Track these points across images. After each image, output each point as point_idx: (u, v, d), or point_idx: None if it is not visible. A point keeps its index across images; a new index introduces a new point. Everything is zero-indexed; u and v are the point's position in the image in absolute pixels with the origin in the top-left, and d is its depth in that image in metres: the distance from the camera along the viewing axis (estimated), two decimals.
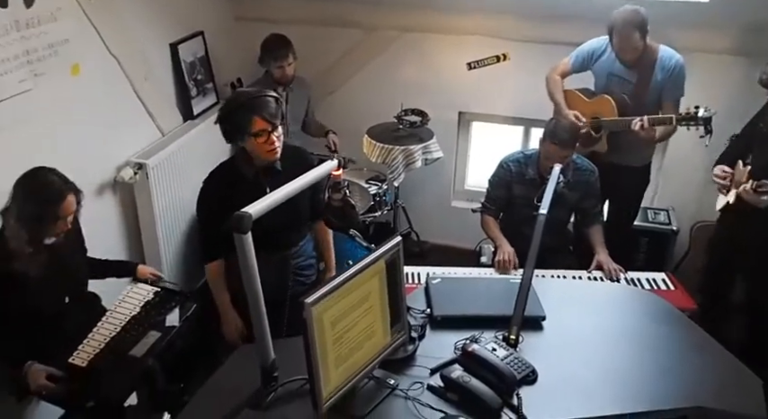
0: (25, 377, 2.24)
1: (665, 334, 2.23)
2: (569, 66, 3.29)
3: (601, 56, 3.20)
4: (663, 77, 3.08)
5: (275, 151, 2.36)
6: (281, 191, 1.91)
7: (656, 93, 3.12)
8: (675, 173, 3.74)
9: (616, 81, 3.18)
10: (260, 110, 2.28)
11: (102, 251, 2.72)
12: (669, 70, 3.07)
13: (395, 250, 1.90)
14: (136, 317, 2.54)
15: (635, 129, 3.00)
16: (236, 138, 2.36)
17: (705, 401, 1.89)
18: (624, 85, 3.16)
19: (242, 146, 2.37)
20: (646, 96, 3.12)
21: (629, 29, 2.98)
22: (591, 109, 3.23)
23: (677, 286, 2.90)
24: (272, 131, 2.31)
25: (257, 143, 2.32)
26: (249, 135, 2.30)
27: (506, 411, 1.84)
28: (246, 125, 2.28)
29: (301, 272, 2.70)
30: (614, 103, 3.14)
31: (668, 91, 3.11)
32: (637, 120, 3.00)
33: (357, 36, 4.07)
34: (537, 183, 2.99)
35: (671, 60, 3.07)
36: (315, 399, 1.72)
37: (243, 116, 2.28)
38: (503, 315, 2.14)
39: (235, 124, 2.31)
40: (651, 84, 3.10)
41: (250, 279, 1.77)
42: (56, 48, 2.64)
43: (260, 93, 2.33)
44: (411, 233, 4.34)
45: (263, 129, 2.29)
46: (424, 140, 3.83)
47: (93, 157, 2.96)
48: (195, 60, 3.69)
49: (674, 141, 3.53)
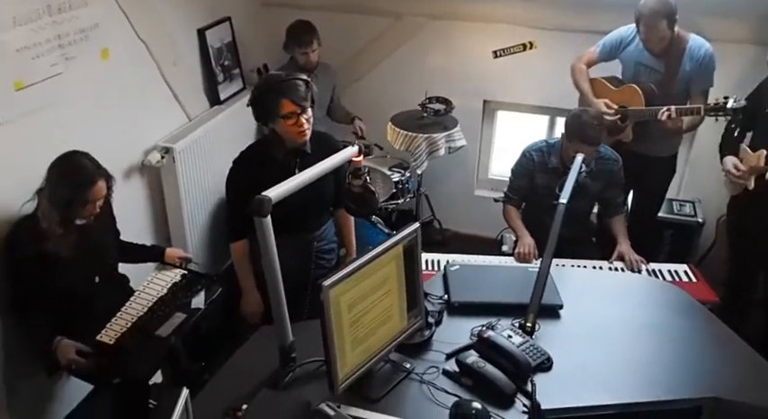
0: (55, 351, 2.32)
1: (684, 325, 2.22)
2: (596, 54, 3.26)
3: (629, 45, 3.16)
4: (691, 67, 3.03)
5: (304, 133, 2.40)
6: (305, 173, 1.95)
7: (684, 83, 3.07)
8: (702, 164, 3.68)
9: (644, 70, 3.13)
10: (289, 93, 2.32)
11: (129, 234, 2.79)
12: (698, 60, 3.02)
13: (413, 236, 1.92)
14: (163, 299, 2.62)
15: (662, 118, 2.96)
16: (266, 121, 2.41)
17: (721, 392, 1.89)
18: (652, 75, 3.12)
19: (272, 128, 2.41)
20: (674, 86, 3.07)
21: (657, 19, 2.93)
22: (618, 98, 3.19)
23: (699, 278, 2.87)
24: (302, 114, 2.35)
25: (287, 125, 2.36)
26: (279, 117, 2.35)
27: (520, 397, 1.86)
28: (276, 107, 2.33)
29: (323, 256, 2.73)
30: (641, 93, 3.10)
31: (696, 81, 3.06)
32: (664, 109, 2.96)
33: (384, 23, 4.07)
34: (560, 173, 2.97)
35: (700, 50, 3.02)
36: (331, 380, 1.76)
37: (272, 99, 2.33)
38: (520, 303, 2.16)
39: (265, 107, 2.36)
40: (679, 74, 3.05)
41: (270, 261, 1.80)
42: (86, 32, 2.69)
43: (290, 76, 2.37)
44: (433, 221, 4.35)
45: (291, 111, 2.33)
46: (447, 128, 3.82)
47: (122, 141, 3.02)
48: (222, 46, 3.73)
49: (701, 132, 3.47)
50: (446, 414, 1.80)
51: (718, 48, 3.13)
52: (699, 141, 3.67)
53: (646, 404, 1.86)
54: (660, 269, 2.93)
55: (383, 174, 3.91)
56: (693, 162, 3.77)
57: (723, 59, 3.23)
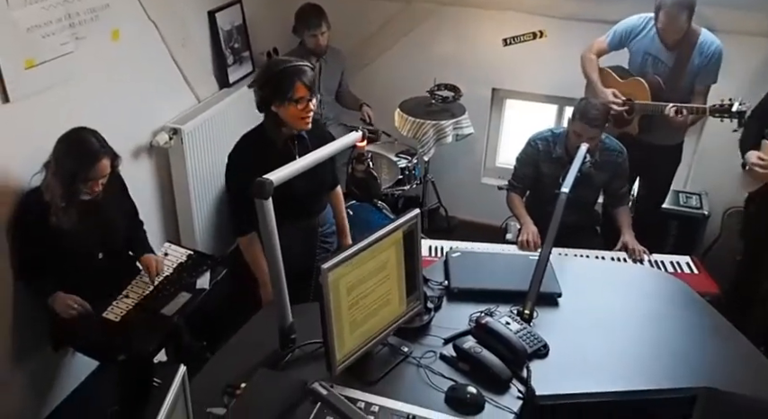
0: (53, 305, 2.40)
1: (682, 316, 2.23)
2: (605, 44, 3.24)
3: (639, 34, 3.14)
4: (700, 62, 3.03)
5: (308, 120, 2.37)
6: (307, 158, 1.97)
7: (691, 76, 3.07)
8: (710, 157, 3.67)
9: (651, 61, 3.12)
10: (303, 75, 2.29)
11: None
12: (708, 56, 3.02)
13: (413, 221, 1.94)
14: (168, 278, 2.67)
15: (669, 114, 2.96)
16: (273, 103, 2.34)
17: (715, 383, 1.90)
18: (659, 66, 3.11)
19: (275, 112, 2.37)
20: (681, 79, 3.07)
21: (679, 9, 2.92)
22: (624, 90, 3.18)
23: (701, 270, 2.87)
24: (311, 100, 2.34)
25: (296, 109, 2.31)
26: (290, 100, 2.30)
27: (515, 383, 1.89)
28: (289, 90, 2.28)
29: (326, 240, 2.76)
30: (647, 87, 3.10)
31: (702, 76, 3.06)
32: (670, 106, 2.96)
33: (394, 8, 4.06)
34: (564, 162, 2.97)
35: (711, 46, 3.01)
36: (329, 361, 1.79)
37: (285, 81, 2.28)
38: (519, 290, 2.18)
39: (277, 88, 2.30)
40: (687, 68, 3.05)
41: (271, 244, 1.83)
42: (97, 12, 2.71)
43: (299, 60, 2.35)
44: (439, 208, 4.36)
45: (303, 95, 2.30)
46: (455, 116, 3.82)
47: (130, 121, 3.04)
48: (233, 28, 3.74)
49: (709, 125, 3.47)
50: (442, 398, 1.83)
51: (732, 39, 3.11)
52: (707, 133, 3.65)
53: (640, 392, 1.87)
54: (662, 260, 2.93)
55: (390, 160, 3.92)
56: (701, 154, 3.75)
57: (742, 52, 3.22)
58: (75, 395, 2.90)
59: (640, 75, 3.15)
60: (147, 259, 2.65)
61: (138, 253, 2.71)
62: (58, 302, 2.41)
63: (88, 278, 2.48)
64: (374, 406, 1.78)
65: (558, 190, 2.42)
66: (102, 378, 2.85)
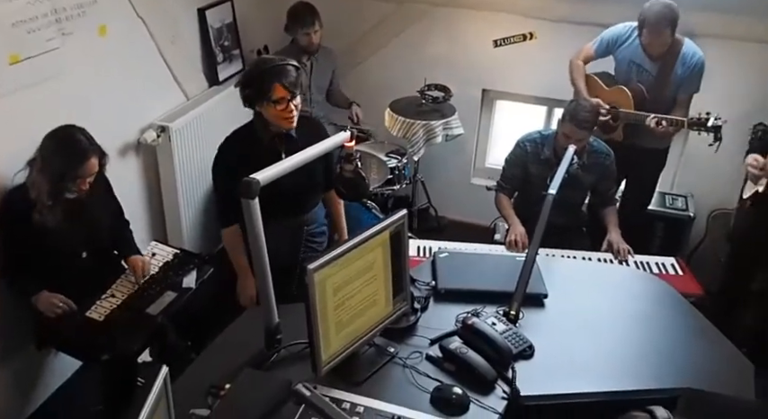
0: (36, 304, 2.38)
1: (665, 317, 2.25)
2: (593, 51, 3.28)
3: (624, 42, 3.18)
4: (682, 72, 3.09)
5: (292, 120, 2.38)
6: (294, 158, 1.96)
7: (674, 86, 3.12)
8: (696, 160, 3.70)
9: (636, 69, 3.17)
10: (281, 77, 2.29)
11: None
12: (690, 67, 3.07)
13: (400, 222, 1.94)
14: (154, 277, 2.66)
15: (650, 125, 3.01)
16: (255, 104, 2.37)
17: (696, 383, 1.92)
18: (643, 75, 3.15)
19: (259, 111, 2.39)
20: (665, 88, 3.12)
21: (662, 25, 2.96)
22: (608, 98, 3.22)
23: (686, 272, 2.89)
24: (291, 100, 2.33)
25: (276, 110, 2.33)
26: (269, 101, 2.31)
27: (500, 383, 1.89)
28: (267, 91, 2.29)
29: (313, 239, 2.75)
30: (631, 95, 3.14)
31: (685, 86, 3.12)
32: (651, 117, 3.01)
33: (386, 8, 4.06)
34: (552, 164, 2.98)
35: (693, 57, 3.06)
36: (314, 362, 1.79)
37: (265, 82, 2.29)
38: (506, 291, 2.17)
39: (256, 89, 2.32)
40: (671, 78, 3.10)
41: (256, 243, 1.82)
42: (84, 8, 2.69)
43: (282, 60, 2.34)
44: (429, 208, 4.37)
45: (282, 96, 2.30)
46: (445, 116, 3.83)
47: (118, 118, 3.02)
48: (223, 26, 3.73)
49: None
50: (427, 399, 1.83)
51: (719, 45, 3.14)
52: (693, 136, 3.66)
53: (623, 392, 1.89)
54: (648, 261, 2.95)
55: (379, 160, 3.91)
56: (687, 157, 3.78)
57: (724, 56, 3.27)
58: (59, 394, 2.88)
59: (625, 82, 3.19)
60: (133, 260, 2.64)
61: (124, 253, 2.69)
62: (42, 301, 2.39)
63: (72, 277, 2.46)
64: (359, 407, 1.78)
65: (546, 191, 2.43)
66: (86, 378, 2.84)
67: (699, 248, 3.69)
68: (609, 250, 2.98)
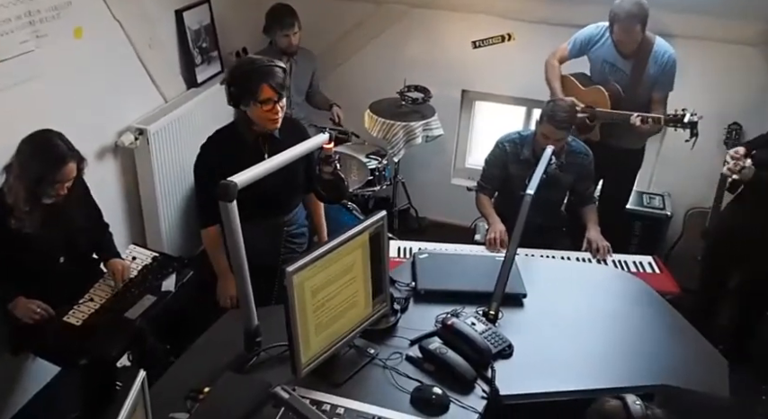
0: (13, 310, 2.35)
1: (642, 315, 2.28)
2: (567, 51, 3.32)
3: (597, 42, 3.22)
4: (655, 71, 3.12)
5: (277, 121, 2.37)
6: (274, 159, 1.96)
7: (648, 84, 3.15)
8: (673, 159, 3.75)
9: (610, 69, 3.20)
10: (270, 77, 2.29)
11: None
12: (662, 65, 3.10)
13: (379, 224, 1.94)
14: (133, 281, 2.63)
15: (635, 124, 3.03)
16: (241, 103, 2.35)
17: (671, 380, 1.95)
18: (618, 74, 3.19)
19: (245, 111, 2.37)
20: (639, 87, 3.15)
21: (632, 22, 3.00)
22: (586, 98, 3.25)
23: (663, 270, 2.93)
24: (278, 101, 2.33)
25: (262, 110, 2.32)
26: (256, 101, 2.30)
27: (480, 383, 1.90)
28: (255, 91, 2.28)
29: (293, 240, 2.74)
30: (607, 95, 3.17)
31: (659, 85, 3.15)
32: (635, 115, 3.04)
33: (365, 10, 4.06)
34: (531, 164, 2.99)
35: (664, 55, 3.10)
36: (294, 364, 1.79)
37: (253, 81, 2.28)
38: (485, 291, 2.19)
39: (244, 88, 2.31)
40: (644, 76, 3.13)
41: (235, 245, 1.82)
42: (59, 10, 2.66)
43: (270, 61, 2.34)
44: (410, 208, 4.38)
45: (269, 97, 2.30)
46: (425, 117, 3.84)
47: (95, 121, 2.99)
48: (201, 28, 3.70)
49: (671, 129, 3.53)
50: (407, 399, 1.83)
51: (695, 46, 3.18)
52: (669, 136, 3.72)
53: (599, 390, 1.90)
54: (626, 260, 2.98)
55: (359, 162, 3.92)
56: (664, 156, 3.83)
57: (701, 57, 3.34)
58: (37, 399, 2.85)
59: (601, 82, 3.22)
60: (113, 264, 2.62)
61: (104, 257, 2.67)
62: (19, 307, 2.35)
63: (49, 282, 2.43)
64: (340, 409, 1.78)
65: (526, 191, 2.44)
66: (64, 383, 2.81)
67: (676, 246, 3.74)
68: (588, 248, 3.01)
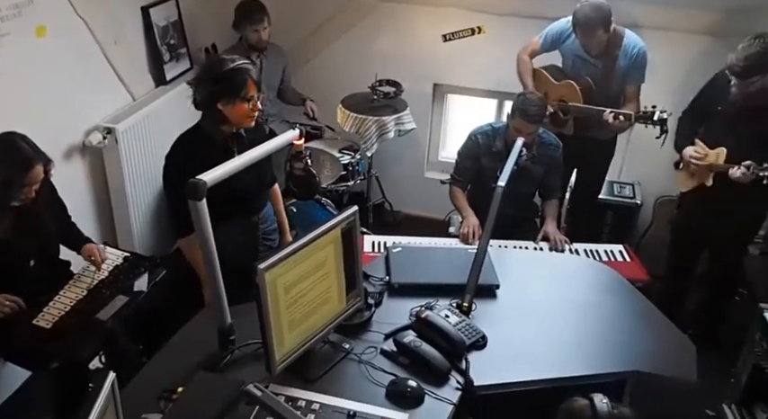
0: None
1: (612, 303, 2.32)
2: (539, 45, 3.33)
3: (568, 37, 3.24)
4: (626, 64, 3.15)
5: (254, 117, 2.36)
6: (245, 156, 1.95)
7: (619, 78, 3.18)
8: (642, 148, 3.78)
9: (582, 63, 3.23)
10: (253, 75, 2.30)
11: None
12: (632, 58, 3.13)
13: (351, 219, 1.94)
14: (104, 281, 2.59)
15: (607, 120, 3.06)
16: (220, 101, 2.30)
17: (642, 365, 1.99)
18: (590, 67, 3.21)
19: (219, 110, 2.32)
20: (611, 81, 3.18)
21: (593, 27, 3.02)
22: (558, 92, 3.28)
23: (633, 258, 2.98)
24: (258, 98, 2.33)
25: (245, 108, 2.30)
26: (240, 98, 2.28)
27: (455, 374, 1.92)
28: (242, 88, 2.27)
29: (268, 237, 2.74)
30: (579, 90, 3.19)
31: (631, 77, 3.18)
32: (608, 111, 3.06)
33: (335, 5, 4.05)
34: (504, 156, 2.99)
35: (634, 48, 3.13)
36: (268, 361, 1.78)
37: (239, 78, 2.27)
38: (459, 283, 2.20)
39: (228, 86, 2.27)
40: (615, 70, 3.16)
41: (206, 244, 1.81)
42: (20, 8, 2.61)
43: (243, 59, 2.34)
44: (384, 203, 4.38)
45: (253, 94, 2.30)
46: (397, 111, 3.85)
47: (61, 121, 2.94)
48: (168, 24, 3.66)
49: None
50: (383, 393, 1.84)
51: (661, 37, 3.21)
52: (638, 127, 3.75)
53: (573, 378, 1.94)
54: (597, 249, 3.03)
55: (332, 157, 3.91)
56: (633, 146, 3.87)
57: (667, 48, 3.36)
58: (8, 404, 2.79)
59: (573, 76, 3.25)
60: (89, 248, 2.60)
61: (77, 244, 2.64)
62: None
63: (19, 286, 2.39)
64: (315, 404, 1.79)
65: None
66: (36, 387, 2.75)
67: (646, 234, 3.80)
68: (545, 240, 3.05)
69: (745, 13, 3.34)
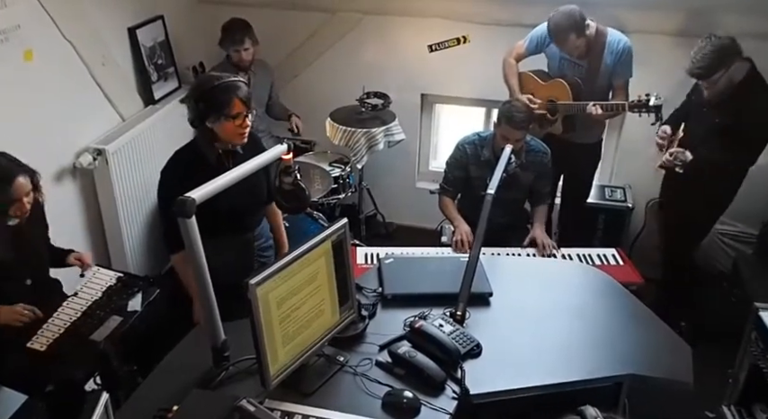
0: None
1: (606, 307, 2.33)
2: (524, 49, 3.35)
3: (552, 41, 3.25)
4: (612, 61, 3.17)
5: (245, 135, 2.36)
6: (235, 171, 1.95)
7: (606, 75, 3.20)
8: (632, 151, 3.83)
9: (568, 64, 3.25)
10: (239, 92, 2.29)
11: (62, 239, 2.72)
12: (618, 54, 3.15)
13: (341, 231, 1.95)
14: (97, 302, 2.57)
15: (591, 112, 3.08)
16: (208, 119, 2.31)
17: (638, 369, 1.99)
18: (576, 69, 3.24)
19: (210, 128, 2.33)
20: (597, 79, 3.21)
21: (565, 34, 3.05)
22: (546, 92, 3.29)
23: (626, 261, 2.99)
24: (247, 115, 2.33)
25: (232, 125, 2.30)
26: (227, 116, 2.28)
27: (450, 383, 1.91)
28: (226, 106, 2.27)
29: (262, 254, 2.74)
30: (568, 87, 3.21)
31: (618, 73, 3.20)
32: (592, 104, 3.08)
33: (319, 19, 4.08)
34: (492, 165, 3.02)
35: (618, 44, 3.15)
36: (263, 376, 1.78)
37: (224, 96, 2.27)
38: (452, 292, 2.20)
39: (214, 104, 2.28)
40: (601, 68, 3.19)
41: (197, 261, 1.80)
42: (7, 34, 2.63)
43: (235, 76, 2.35)
44: (377, 214, 4.39)
45: (240, 111, 2.29)
46: (386, 123, 3.86)
47: (51, 144, 2.95)
48: (155, 44, 3.68)
49: (629, 122, 3.62)
50: (379, 405, 1.84)
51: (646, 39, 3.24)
52: (627, 130, 3.81)
53: (569, 384, 1.94)
54: (590, 254, 3.04)
55: (323, 170, 3.92)
56: (623, 149, 3.91)
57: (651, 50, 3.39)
58: None
59: (560, 77, 3.26)
60: (76, 255, 2.63)
61: (62, 256, 2.65)
62: (3, 314, 2.30)
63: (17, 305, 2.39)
64: (311, 418, 1.78)
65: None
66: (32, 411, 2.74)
67: (639, 237, 3.82)
68: (533, 245, 3.06)
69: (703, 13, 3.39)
